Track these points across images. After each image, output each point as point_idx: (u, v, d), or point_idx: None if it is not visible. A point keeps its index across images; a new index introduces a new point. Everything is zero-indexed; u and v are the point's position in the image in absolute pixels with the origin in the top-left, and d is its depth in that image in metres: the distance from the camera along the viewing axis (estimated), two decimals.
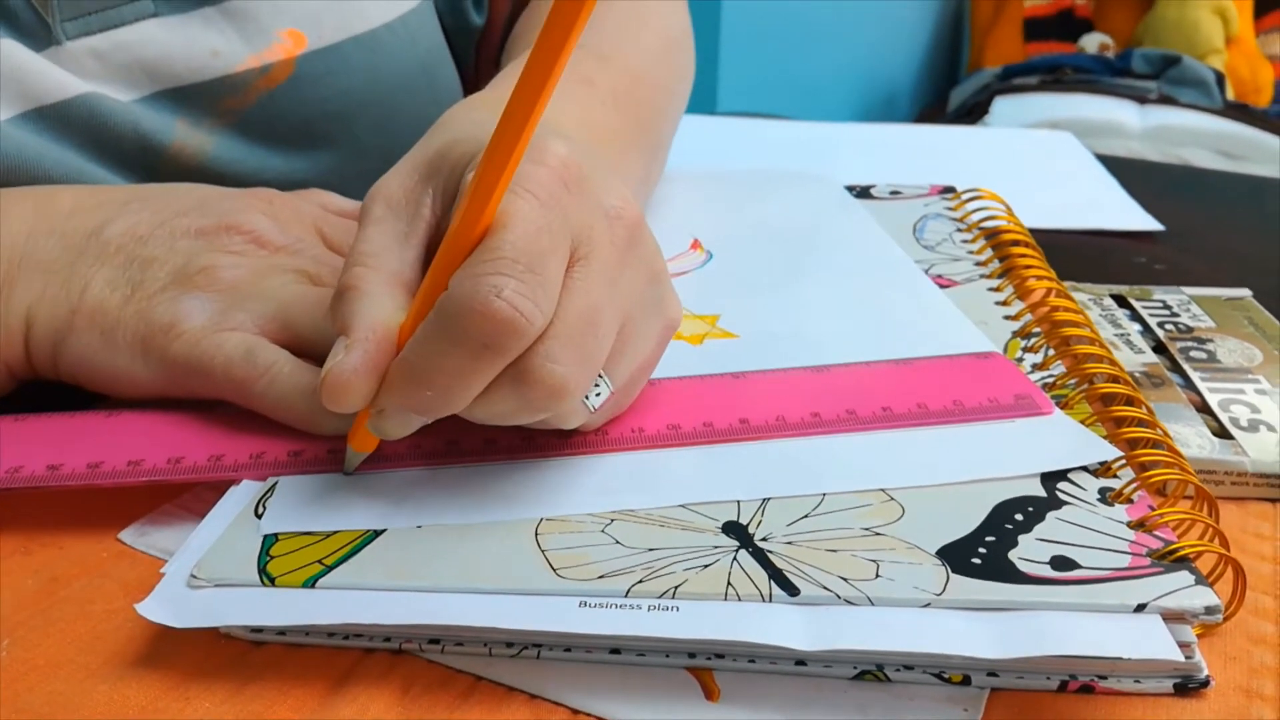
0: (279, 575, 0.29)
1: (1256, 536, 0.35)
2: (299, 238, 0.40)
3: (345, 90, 0.52)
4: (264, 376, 0.35)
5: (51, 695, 0.28)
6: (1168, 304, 0.48)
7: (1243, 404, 0.40)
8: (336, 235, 0.41)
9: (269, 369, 0.35)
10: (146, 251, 0.38)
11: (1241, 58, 2.24)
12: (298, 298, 0.37)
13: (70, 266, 0.38)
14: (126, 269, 0.37)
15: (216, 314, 0.36)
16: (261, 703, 0.27)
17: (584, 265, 0.31)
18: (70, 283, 0.37)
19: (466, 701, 0.28)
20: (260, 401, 0.35)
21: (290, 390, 0.35)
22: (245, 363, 0.35)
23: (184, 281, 0.37)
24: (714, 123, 0.84)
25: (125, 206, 0.39)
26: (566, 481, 0.33)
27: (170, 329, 0.36)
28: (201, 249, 0.38)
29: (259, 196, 0.41)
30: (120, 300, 0.37)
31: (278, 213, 0.40)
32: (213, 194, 0.41)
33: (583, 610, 0.28)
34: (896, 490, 0.32)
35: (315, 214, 0.42)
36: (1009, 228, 0.50)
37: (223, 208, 0.39)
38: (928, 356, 0.39)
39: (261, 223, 0.39)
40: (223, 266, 0.37)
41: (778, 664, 0.28)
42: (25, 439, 0.35)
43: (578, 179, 0.32)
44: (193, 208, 0.39)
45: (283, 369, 0.35)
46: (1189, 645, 0.27)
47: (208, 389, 0.36)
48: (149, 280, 0.37)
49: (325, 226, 0.41)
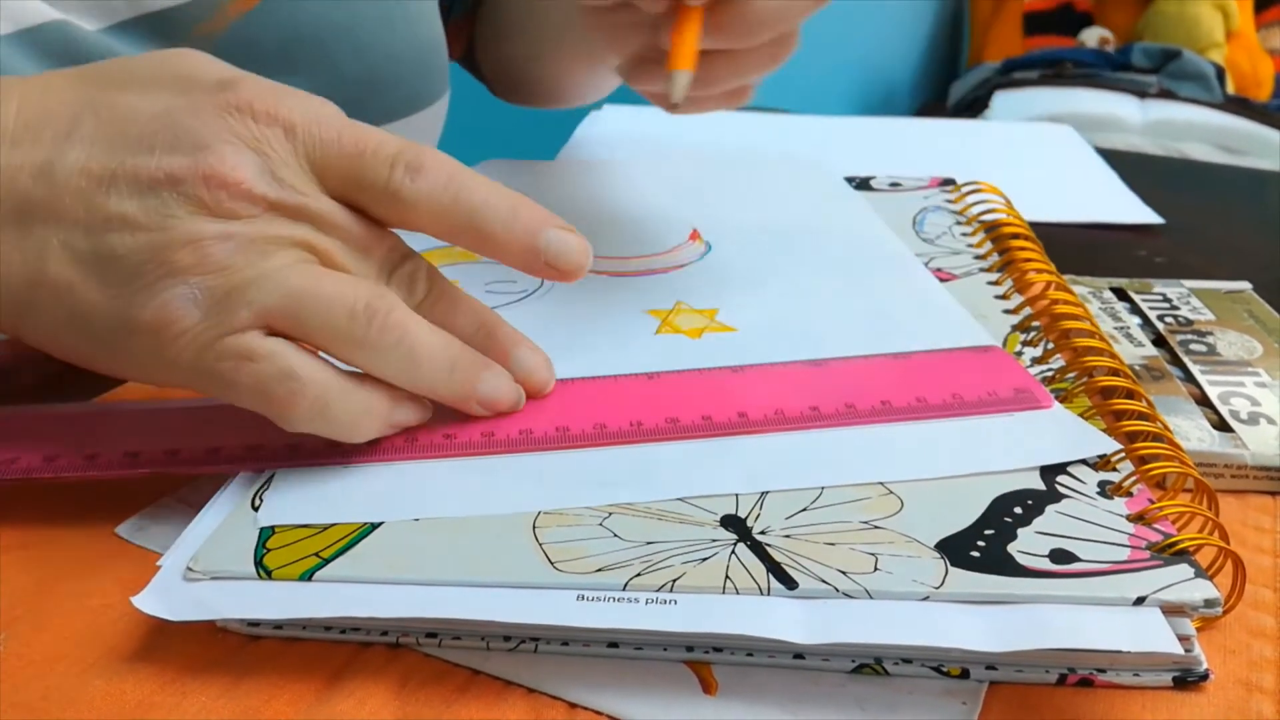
0: (276, 568, 0.29)
1: (1256, 530, 0.35)
2: (295, 186, 0.32)
3: (320, 14, 0.50)
4: (308, 402, 0.31)
5: (48, 690, 0.28)
6: (1167, 297, 0.48)
7: (1242, 397, 0.40)
8: (335, 175, 0.33)
9: (314, 395, 0.31)
10: (110, 205, 0.31)
11: (1242, 52, 2.24)
12: (309, 289, 0.31)
13: (18, 221, 0.31)
14: (89, 232, 0.31)
15: (215, 309, 0.31)
16: (258, 697, 0.27)
17: None
18: (24, 243, 0.31)
19: (464, 695, 0.28)
20: (297, 425, 0.32)
21: (341, 413, 0.32)
22: (284, 387, 0.31)
23: (166, 263, 0.31)
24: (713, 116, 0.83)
25: (75, 124, 0.32)
26: (564, 475, 0.33)
27: (161, 330, 0.31)
28: (179, 210, 0.31)
29: (235, 108, 0.32)
30: (88, 278, 0.31)
31: (265, 142, 0.32)
32: (176, 106, 0.33)
33: (580, 603, 0.28)
34: (895, 484, 0.32)
35: (302, 140, 0.33)
36: (1009, 221, 0.50)
37: (195, 135, 0.32)
38: (927, 350, 0.39)
39: (249, 166, 0.32)
40: (210, 239, 0.31)
41: (776, 657, 0.28)
42: (21, 431, 0.35)
43: None
44: (156, 133, 0.32)
45: (330, 388, 0.31)
46: (1188, 638, 0.27)
47: (217, 396, 0.32)
48: (121, 254, 0.31)
49: (318, 155, 0.33)
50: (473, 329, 0.35)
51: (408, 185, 0.33)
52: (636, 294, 0.45)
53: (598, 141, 0.74)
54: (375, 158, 0.33)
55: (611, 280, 0.47)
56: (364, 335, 0.31)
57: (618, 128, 0.77)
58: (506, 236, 0.33)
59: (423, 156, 0.33)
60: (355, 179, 0.33)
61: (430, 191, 0.33)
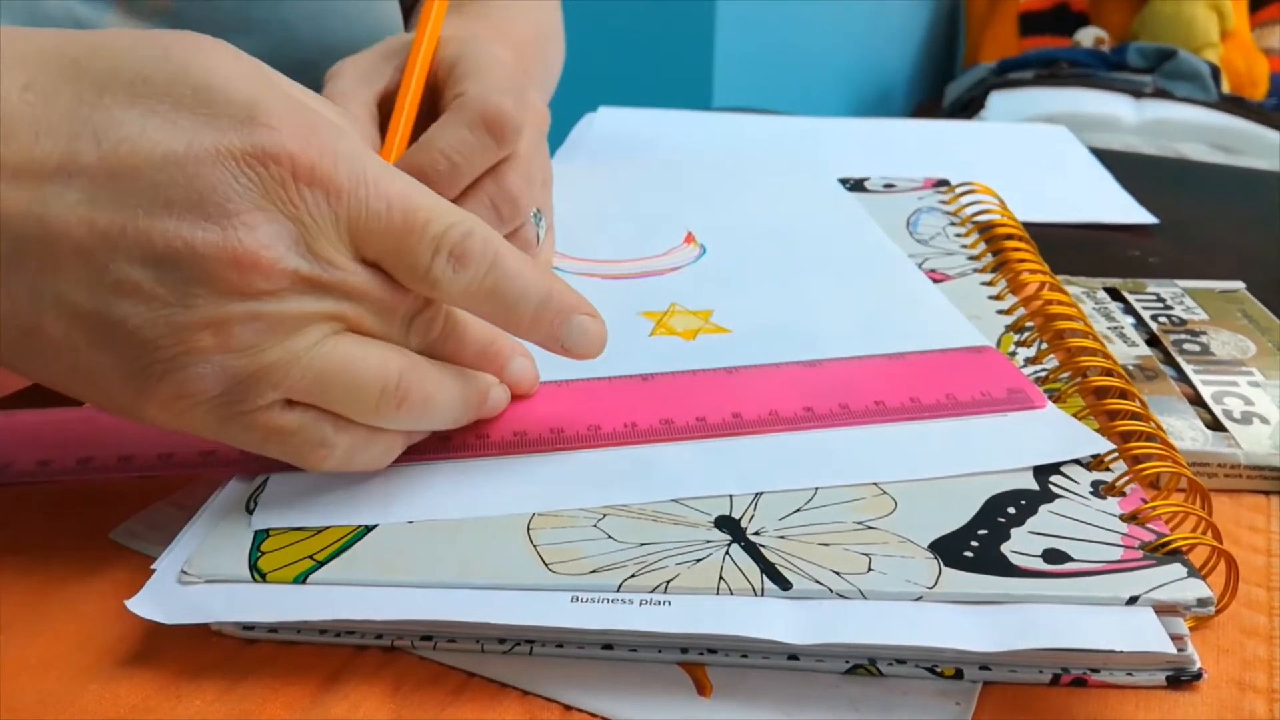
0: (270, 571, 0.29)
1: (1249, 529, 0.35)
2: (330, 260, 0.29)
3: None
4: (336, 459, 0.31)
5: (43, 694, 0.28)
6: (1161, 297, 0.48)
7: (1236, 396, 0.40)
8: (374, 248, 0.30)
9: (342, 452, 0.31)
10: (118, 270, 0.27)
11: (1237, 51, 2.24)
12: (337, 371, 0.29)
13: (7, 266, 0.27)
14: (93, 293, 0.27)
15: (238, 388, 0.28)
16: (253, 701, 0.27)
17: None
18: (14, 288, 0.27)
19: (459, 699, 0.28)
20: (315, 469, 0.31)
21: (365, 460, 0.32)
22: (315, 453, 0.30)
23: (185, 342, 0.28)
24: (709, 118, 0.84)
25: (72, 154, 0.27)
26: (558, 476, 0.33)
27: (178, 400, 0.28)
28: (201, 289, 0.27)
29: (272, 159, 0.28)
30: (93, 342, 0.28)
31: (303, 210, 0.28)
32: (198, 148, 0.27)
33: (575, 605, 0.28)
34: (889, 484, 0.32)
35: (345, 207, 0.29)
36: (1003, 221, 0.50)
37: (221, 197, 0.27)
38: (920, 351, 0.39)
39: (283, 241, 0.28)
40: (237, 320, 0.28)
41: (770, 659, 0.28)
42: (15, 435, 0.35)
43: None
44: (174, 184, 0.27)
45: (355, 443, 0.31)
46: (1182, 638, 0.27)
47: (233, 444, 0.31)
48: (132, 325, 0.27)
49: (359, 226, 0.29)
50: (476, 353, 0.35)
51: (448, 275, 0.30)
52: (631, 296, 0.45)
53: (593, 143, 0.74)
54: (420, 240, 0.30)
55: (606, 283, 0.47)
56: (392, 412, 0.31)
57: (613, 129, 0.77)
58: (532, 324, 0.33)
59: (468, 243, 0.30)
60: (394, 257, 0.30)
61: (468, 285, 0.31)
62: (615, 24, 1.53)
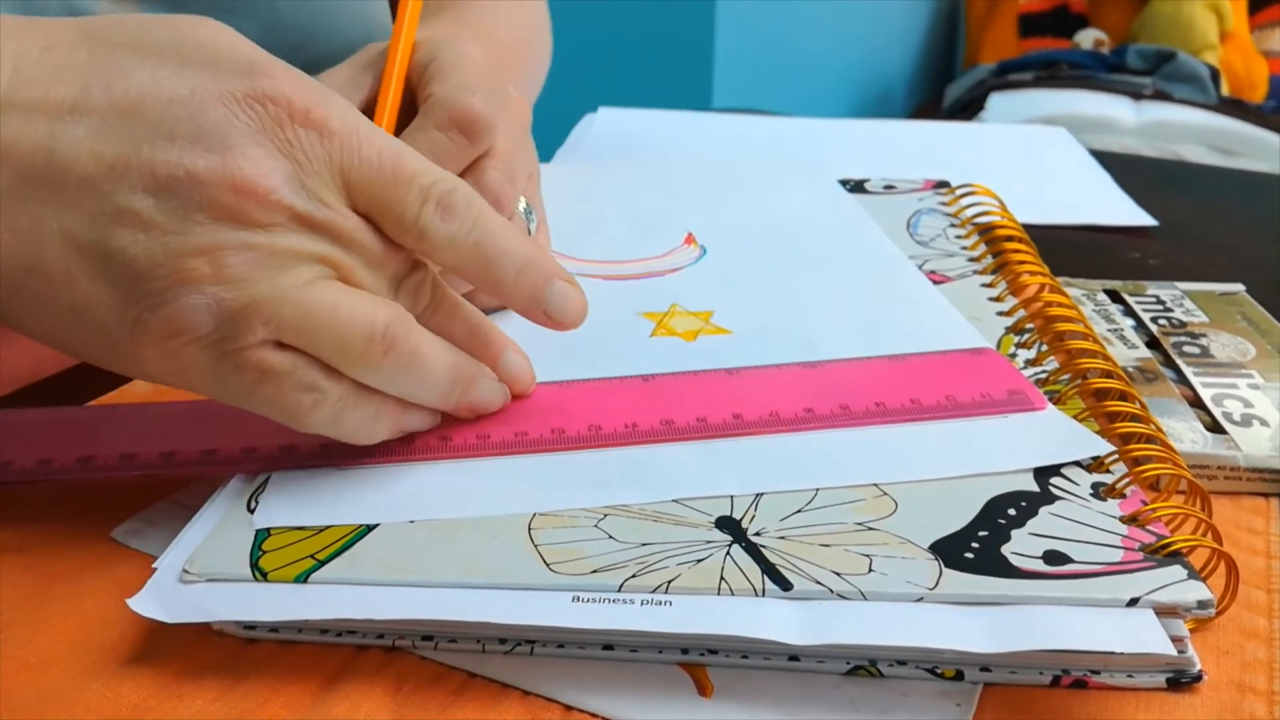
0: (271, 570, 0.29)
1: (1249, 531, 0.35)
2: (323, 200, 0.30)
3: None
4: (326, 410, 0.31)
5: (44, 693, 0.28)
6: (1161, 299, 0.48)
7: (1236, 398, 0.40)
8: (364, 196, 0.31)
9: (333, 403, 0.31)
10: (120, 198, 0.29)
11: (1236, 53, 2.24)
12: (326, 311, 0.30)
13: (13, 197, 0.29)
14: (94, 223, 0.29)
15: (229, 323, 0.29)
16: (254, 700, 0.27)
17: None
18: (19, 222, 0.29)
19: (460, 699, 0.28)
20: (310, 430, 0.31)
21: (356, 419, 0.32)
22: (307, 397, 0.31)
23: (180, 270, 0.29)
24: (709, 119, 0.84)
25: (84, 94, 0.29)
26: (559, 476, 0.33)
27: (171, 337, 0.29)
28: (199, 215, 0.29)
29: (271, 100, 0.30)
30: (93, 273, 0.29)
31: (298, 148, 0.30)
32: (201, 89, 0.30)
33: (576, 605, 0.28)
34: (889, 485, 0.32)
35: (338, 150, 0.31)
36: (1003, 223, 0.50)
37: (222, 130, 0.29)
38: (921, 352, 0.39)
39: (279, 173, 0.30)
40: (230, 249, 0.29)
41: (771, 659, 0.28)
42: (16, 434, 0.35)
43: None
44: (178, 120, 0.29)
45: (346, 396, 0.31)
46: (1182, 640, 0.27)
47: (225, 401, 0.31)
48: (131, 253, 0.29)
49: (352, 170, 0.31)
50: (466, 334, 0.35)
51: (435, 224, 0.32)
52: (632, 297, 0.45)
53: (593, 144, 0.74)
54: (409, 189, 0.31)
55: (607, 284, 0.47)
56: (378, 360, 0.31)
57: (613, 130, 0.77)
58: (514, 284, 0.34)
59: (454, 196, 0.32)
60: (384, 205, 0.31)
61: (454, 235, 0.32)
62: (615, 24, 1.53)
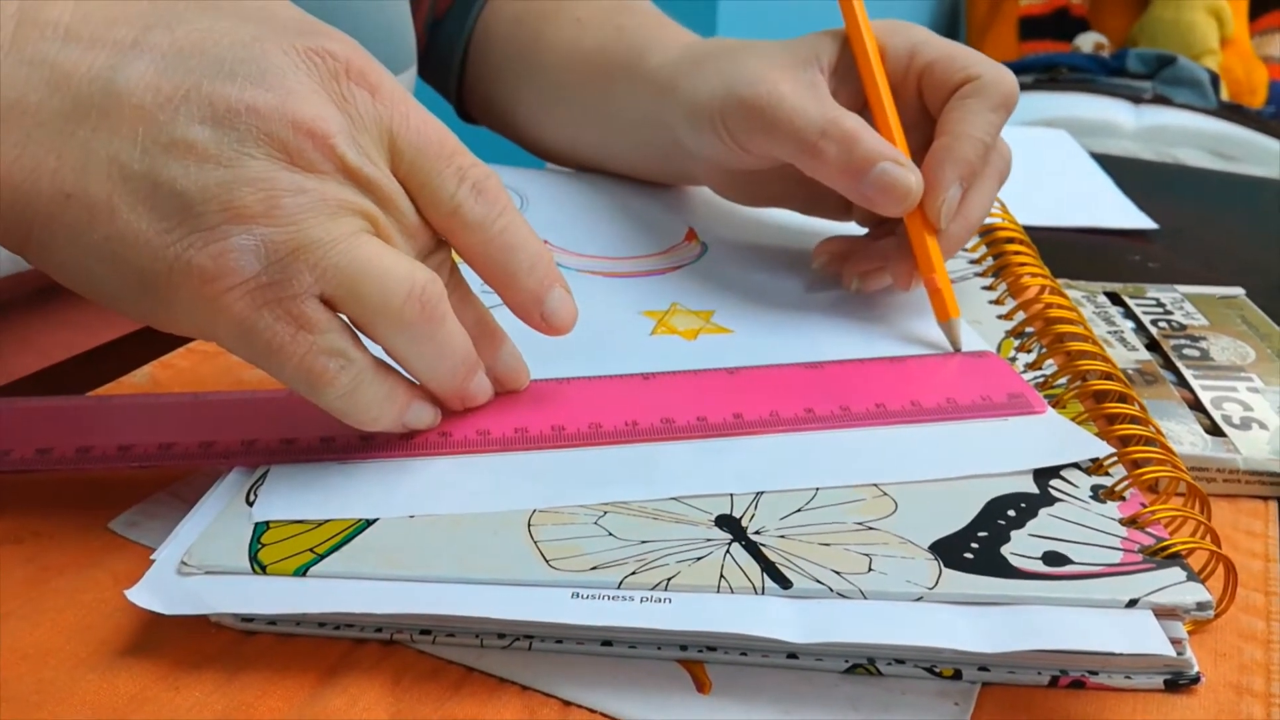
0: (270, 563, 0.29)
1: (1248, 534, 0.35)
2: (370, 157, 0.31)
3: None
4: (346, 380, 0.31)
5: (41, 683, 0.28)
6: (1161, 302, 0.49)
7: (1235, 401, 0.40)
8: (405, 162, 0.32)
9: (354, 374, 0.31)
10: (177, 128, 0.28)
11: (1236, 59, 2.24)
12: (374, 262, 0.30)
13: (63, 121, 0.28)
14: (146, 153, 0.28)
15: (277, 266, 0.29)
16: (251, 692, 0.27)
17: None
18: (63, 148, 0.28)
19: (458, 693, 0.28)
20: (322, 404, 0.31)
21: (369, 397, 0.31)
22: (334, 362, 0.30)
23: (232, 205, 0.28)
24: None
25: (145, 33, 0.29)
26: (559, 473, 0.33)
27: (215, 279, 0.29)
28: (256, 149, 0.29)
29: (330, 55, 0.31)
30: (136, 204, 0.28)
31: (351, 103, 0.31)
32: (264, 37, 0.30)
33: (575, 601, 0.28)
34: (889, 485, 0.32)
35: (388, 113, 0.31)
36: (1003, 225, 0.50)
37: (282, 75, 0.30)
38: (921, 354, 0.39)
39: (335, 121, 0.30)
40: (284, 190, 0.29)
41: (770, 657, 0.28)
42: (14, 424, 0.35)
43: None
44: (240, 60, 0.29)
45: (366, 370, 0.31)
46: (1180, 641, 0.27)
47: (247, 357, 0.31)
48: (181, 185, 0.28)
49: (399, 135, 0.31)
50: (474, 320, 0.35)
51: (469, 203, 0.32)
52: (632, 295, 0.45)
53: None
54: (450, 164, 0.32)
55: (607, 281, 0.47)
56: (413, 319, 0.31)
57: None
58: (525, 278, 0.34)
59: (489, 181, 0.33)
60: (423, 175, 0.32)
61: (484, 218, 0.33)
62: None
